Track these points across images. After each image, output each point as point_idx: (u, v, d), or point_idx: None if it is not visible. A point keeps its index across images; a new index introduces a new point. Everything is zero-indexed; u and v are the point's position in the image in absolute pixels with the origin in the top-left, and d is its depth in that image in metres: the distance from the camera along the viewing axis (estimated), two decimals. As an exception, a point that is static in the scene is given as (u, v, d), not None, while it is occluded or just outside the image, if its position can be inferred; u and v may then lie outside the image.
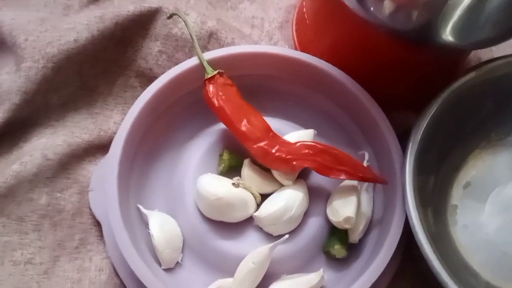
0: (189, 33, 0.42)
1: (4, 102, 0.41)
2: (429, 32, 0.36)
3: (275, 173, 0.40)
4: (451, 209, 0.43)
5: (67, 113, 0.44)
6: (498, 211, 0.43)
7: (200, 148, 0.42)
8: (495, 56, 0.44)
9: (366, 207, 0.41)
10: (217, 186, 0.39)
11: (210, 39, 0.47)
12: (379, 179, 0.39)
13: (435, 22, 0.35)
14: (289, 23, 0.53)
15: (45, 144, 0.41)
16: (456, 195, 0.44)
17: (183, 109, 0.44)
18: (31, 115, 0.43)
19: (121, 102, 0.46)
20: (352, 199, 0.39)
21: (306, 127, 0.43)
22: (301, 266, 0.40)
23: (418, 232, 0.35)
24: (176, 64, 0.43)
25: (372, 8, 0.36)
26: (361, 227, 0.40)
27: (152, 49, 0.46)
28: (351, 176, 0.39)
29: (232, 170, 0.41)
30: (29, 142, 0.42)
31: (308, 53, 0.45)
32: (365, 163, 0.41)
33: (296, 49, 0.51)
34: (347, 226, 0.39)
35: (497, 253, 0.41)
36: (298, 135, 0.42)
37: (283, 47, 0.50)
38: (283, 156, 0.39)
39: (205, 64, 0.41)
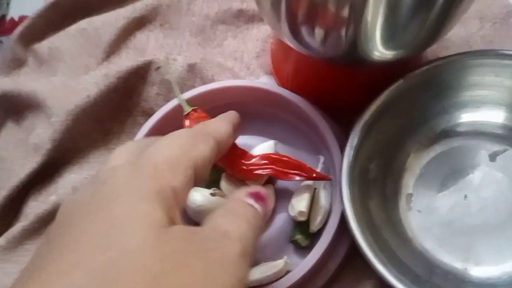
0: (169, 79, 0.54)
1: (41, 149, 0.55)
2: (358, 54, 0.43)
3: (248, 182, 0.50)
4: (406, 197, 0.50)
5: (89, 151, 0.57)
6: (450, 195, 0.50)
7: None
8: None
9: (324, 202, 0.49)
10: (197, 196, 0.49)
11: (196, 78, 0.58)
12: (325, 177, 0.48)
13: (359, 45, 0.42)
14: (265, 51, 0.62)
15: (74, 178, 0.55)
16: (410, 184, 0.51)
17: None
18: (62, 156, 0.56)
19: (131, 137, 0.59)
20: (305, 196, 0.48)
21: (274, 138, 0.53)
22: (273, 255, 0.49)
23: (350, 220, 0.44)
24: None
25: (305, 44, 0.45)
26: (319, 218, 0.48)
27: (151, 92, 0.58)
28: (302, 177, 0.47)
29: (215, 183, 0.52)
30: (62, 177, 0.56)
31: (280, 75, 0.54)
32: (319, 165, 0.50)
33: (272, 73, 0.60)
34: (301, 219, 0.48)
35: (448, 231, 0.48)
36: (262, 147, 0.51)
37: (245, 79, 0.60)
38: (246, 168, 0.48)
39: (183, 103, 0.52)
